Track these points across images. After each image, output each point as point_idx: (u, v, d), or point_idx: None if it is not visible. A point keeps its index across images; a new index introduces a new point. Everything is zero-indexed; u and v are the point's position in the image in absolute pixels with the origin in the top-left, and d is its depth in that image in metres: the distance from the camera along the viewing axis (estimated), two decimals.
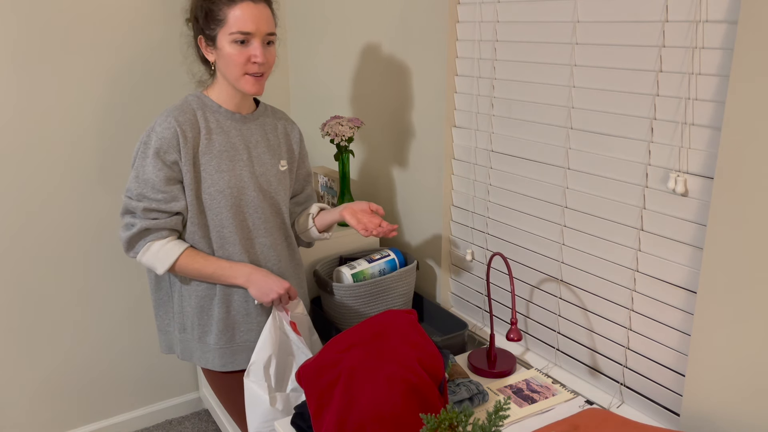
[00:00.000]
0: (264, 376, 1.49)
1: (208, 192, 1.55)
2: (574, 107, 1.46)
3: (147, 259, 1.55)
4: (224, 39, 1.49)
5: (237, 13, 1.47)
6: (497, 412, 1.06)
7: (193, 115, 1.55)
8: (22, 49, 2.07)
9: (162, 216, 1.53)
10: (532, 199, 1.61)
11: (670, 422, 1.35)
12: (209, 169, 1.55)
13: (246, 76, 1.52)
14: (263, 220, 1.63)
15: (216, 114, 1.58)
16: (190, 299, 1.62)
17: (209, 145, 1.55)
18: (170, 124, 1.51)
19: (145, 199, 1.51)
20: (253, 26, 1.48)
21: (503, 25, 1.61)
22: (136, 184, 1.52)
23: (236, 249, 1.59)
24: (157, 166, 1.50)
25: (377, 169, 2.19)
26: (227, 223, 1.57)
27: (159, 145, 1.50)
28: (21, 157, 2.14)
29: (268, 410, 1.47)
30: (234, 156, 1.58)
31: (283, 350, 1.56)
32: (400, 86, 1.98)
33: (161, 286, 1.66)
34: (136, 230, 1.52)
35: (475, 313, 1.88)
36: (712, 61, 1.16)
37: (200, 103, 1.58)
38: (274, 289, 1.54)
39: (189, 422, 2.60)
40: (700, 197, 1.22)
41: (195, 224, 1.56)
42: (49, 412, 2.37)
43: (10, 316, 2.23)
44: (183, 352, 1.68)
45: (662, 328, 1.34)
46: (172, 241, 1.55)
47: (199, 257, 1.55)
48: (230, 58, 1.50)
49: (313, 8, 2.37)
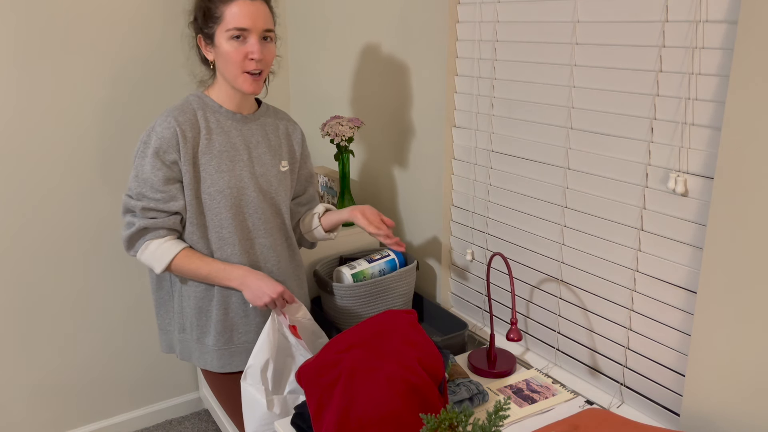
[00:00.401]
0: (261, 379, 1.48)
1: (207, 192, 1.55)
2: (574, 107, 1.46)
3: (145, 258, 1.55)
4: (221, 36, 1.49)
5: (233, 9, 1.47)
6: (497, 412, 1.06)
7: (194, 115, 1.55)
8: (22, 47, 2.07)
9: (160, 215, 1.53)
10: (532, 199, 1.61)
11: (670, 422, 1.35)
12: (209, 169, 1.55)
13: (244, 75, 1.52)
14: (263, 221, 1.62)
15: (216, 114, 1.58)
16: (189, 300, 1.62)
17: (209, 145, 1.55)
18: (170, 124, 1.51)
19: (144, 198, 1.52)
20: (249, 22, 1.48)
21: (503, 25, 1.61)
22: (136, 183, 1.53)
23: (235, 250, 1.58)
24: (156, 165, 1.50)
25: (377, 169, 2.19)
26: (227, 223, 1.57)
27: (158, 145, 1.50)
28: (21, 157, 2.14)
29: (265, 414, 1.47)
30: (234, 156, 1.58)
31: (281, 353, 1.55)
32: (400, 86, 1.98)
33: (162, 285, 1.66)
34: (135, 229, 1.53)
35: (475, 313, 1.88)
36: (712, 61, 1.16)
37: (201, 103, 1.58)
38: (267, 292, 1.51)
39: (189, 422, 2.60)
40: (700, 197, 1.22)
41: (194, 224, 1.56)
42: (49, 412, 2.37)
43: (10, 316, 2.23)
44: (182, 352, 1.68)
45: (662, 328, 1.34)
46: (169, 241, 1.54)
47: (195, 258, 1.55)
48: (228, 55, 1.50)
49: (313, 8, 2.37)
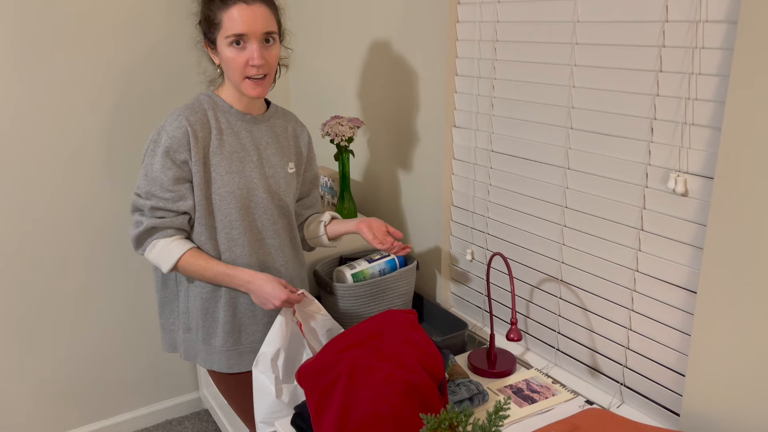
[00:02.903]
0: (272, 367, 1.50)
1: (218, 193, 1.55)
2: (574, 107, 1.46)
3: (153, 257, 1.55)
4: (222, 42, 1.49)
5: (231, 15, 1.46)
6: (497, 412, 1.06)
7: (204, 115, 1.54)
8: (25, 47, 2.07)
9: (169, 215, 1.53)
10: (532, 199, 1.61)
11: (670, 422, 1.35)
12: (220, 169, 1.54)
13: (246, 80, 1.51)
14: (272, 222, 1.62)
15: (227, 114, 1.58)
16: (195, 300, 1.61)
17: (220, 146, 1.55)
18: (181, 124, 1.50)
19: (153, 197, 1.51)
20: (246, 27, 1.46)
21: (503, 25, 1.61)
22: (145, 182, 1.52)
23: (245, 250, 1.58)
24: (167, 165, 1.50)
25: (377, 169, 2.19)
26: (236, 224, 1.56)
27: (169, 144, 1.49)
28: (24, 156, 2.14)
29: (274, 402, 1.48)
30: (244, 157, 1.57)
31: (294, 343, 1.56)
32: (400, 86, 1.98)
33: (167, 284, 1.66)
34: (143, 228, 1.52)
35: (475, 313, 1.88)
36: (712, 61, 1.16)
37: (211, 102, 1.58)
38: (271, 300, 1.51)
39: (189, 422, 2.60)
40: (700, 197, 1.22)
41: (202, 225, 1.55)
42: (49, 412, 2.37)
43: (10, 316, 2.23)
44: (187, 353, 1.67)
45: (662, 328, 1.34)
46: (176, 241, 1.54)
47: (201, 260, 1.54)
48: (230, 61, 1.49)
49: (314, 8, 2.37)
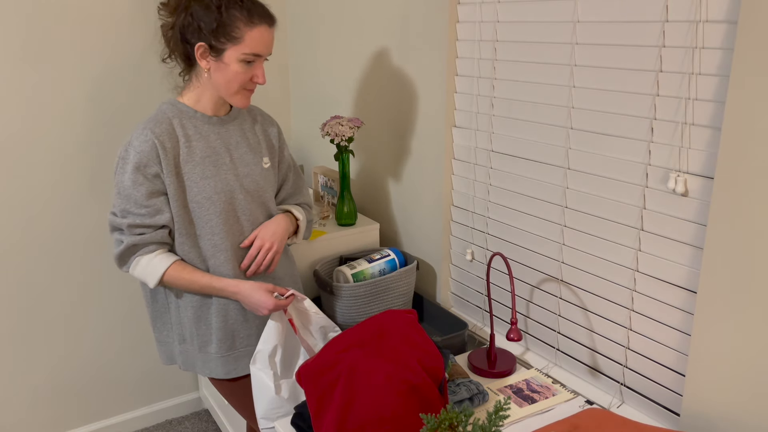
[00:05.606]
0: (269, 364, 1.50)
1: (195, 200, 1.53)
2: (574, 107, 1.46)
3: (138, 274, 1.54)
4: (233, 56, 1.48)
5: (255, 35, 1.47)
6: (497, 412, 1.06)
7: (170, 125, 1.52)
8: (9, 56, 2.06)
9: (147, 230, 1.51)
10: (532, 199, 1.61)
11: (670, 422, 1.35)
12: (194, 176, 1.53)
13: (243, 92, 1.53)
14: (253, 222, 1.61)
15: (193, 120, 1.56)
16: (187, 310, 1.60)
17: (190, 153, 1.53)
18: (147, 137, 1.48)
19: (129, 214, 1.50)
20: (265, 50, 1.50)
21: (503, 25, 1.61)
22: (119, 200, 1.50)
23: (229, 255, 1.57)
24: (138, 180, 1.48)
25: (377, 169, 2.19)
26: (218, 230, 1.55)
27: (138, 160, 1.47)
28: (19, 159, 2.14)
29: (273, 398, 1.49)
30: (217, 160, 1.56)
31: (290, 338, 1.57)
32: (400, 86, 1.98)
33: (157, 298, 1.64)
34: (124, 247, 1.51)
35: (475, 313, 1.88)
36: (712, 61, 1.16)
37: (175, 110, 1.55)
38: (260, 309, 1.54)
39: (189, 422, 2.60)
40: (700, 197, 1.22)
41: (183, 235, 1.54)
42: (49, 412, 2.38)
43: (10, 317, 2.23)
44: (185, 363, 1.67)
45: (662, 328, 1.34)
46: (159, 255, 1.53)
47: (185, 273, 1.53)
48: (235, 75, 1.49)
49: (313, 8, 2.37)
